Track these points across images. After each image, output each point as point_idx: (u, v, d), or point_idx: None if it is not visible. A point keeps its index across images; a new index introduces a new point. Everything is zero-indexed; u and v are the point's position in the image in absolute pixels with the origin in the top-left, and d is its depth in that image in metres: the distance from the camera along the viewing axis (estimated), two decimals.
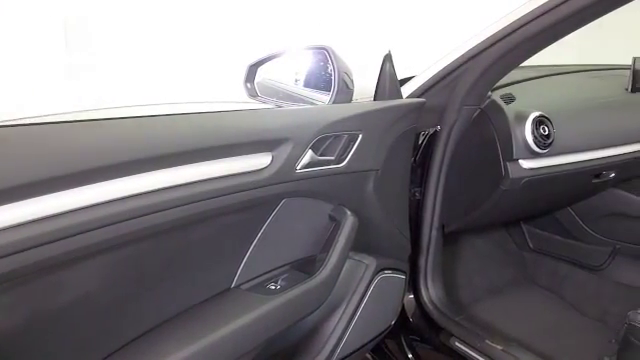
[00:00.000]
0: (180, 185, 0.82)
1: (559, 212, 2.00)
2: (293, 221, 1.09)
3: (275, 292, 1.02)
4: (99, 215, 0.72)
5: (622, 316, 1.25)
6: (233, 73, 1.30)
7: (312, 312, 1.09)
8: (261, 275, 1.08)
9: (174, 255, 0.90)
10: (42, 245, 0.66)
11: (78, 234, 0.70)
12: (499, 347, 1.41)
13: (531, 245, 2.17)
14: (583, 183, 1.69)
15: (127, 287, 0.85)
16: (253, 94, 1.25)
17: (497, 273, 2.09)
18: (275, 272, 1.10)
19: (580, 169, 1.55)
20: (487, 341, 1.44)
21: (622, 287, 1.89)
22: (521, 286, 2.07)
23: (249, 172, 0.92)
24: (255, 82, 1.25)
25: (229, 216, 0.94)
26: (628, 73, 1.78)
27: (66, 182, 0.69)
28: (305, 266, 1.13)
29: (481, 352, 1.43)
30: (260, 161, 0.94)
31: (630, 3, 1.07)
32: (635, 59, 1.77)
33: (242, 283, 1.04)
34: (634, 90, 1.78)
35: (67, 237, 0.69)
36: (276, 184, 0.96)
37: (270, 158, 0.95)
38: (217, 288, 1.01)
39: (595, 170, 1.63)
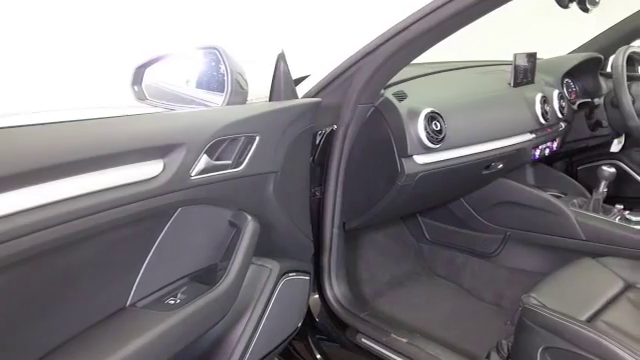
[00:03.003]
0: (62, 200, 0.74)
1: (453, 204, 2.08)
2: (191, 230, 1.04)
3: (175, 307, 0.97)
4: None
5: (516, 299, 1.31)
6: (117, 75, 1.22)
7: (216, 323, 1.05)
8: (159, 290, 1.02)
9: (59, 276, 0.82)
10: None
11: None
12: (404, 340, 1.43)
13: (428, 237, 2.24)
14: (474, 175, 1.76)
15: (8, 314, 0.77)
16: (141, 97, 1.18)
17: (397, 266, 2.15)
18: (174, 285, 1.05)
19: (471, 161, 1.62)
20: (392, 335, 1.46)
21: (514, 272, 2.00)
22: (421, 277, 2.14)
23: (139, 182, 0.85)
24: (143, 84, 1.18)
25: (119, 230, 0.87)
26: (510, 69, 1.88)
27: None
28: (206, 276, 1.08)
29: (387, 346, 1.45)
30: (151, 169, 0.88)
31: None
32: (516, 55, 1.87)
33: (138, 300, 0.98)
34: (516, 85, 1.88)
35: None
36: (170, 193, 0.91)
37: (162, 165, 0.89)
38: (110, 308, 0.94)
39: (485, 162, 1.70)
